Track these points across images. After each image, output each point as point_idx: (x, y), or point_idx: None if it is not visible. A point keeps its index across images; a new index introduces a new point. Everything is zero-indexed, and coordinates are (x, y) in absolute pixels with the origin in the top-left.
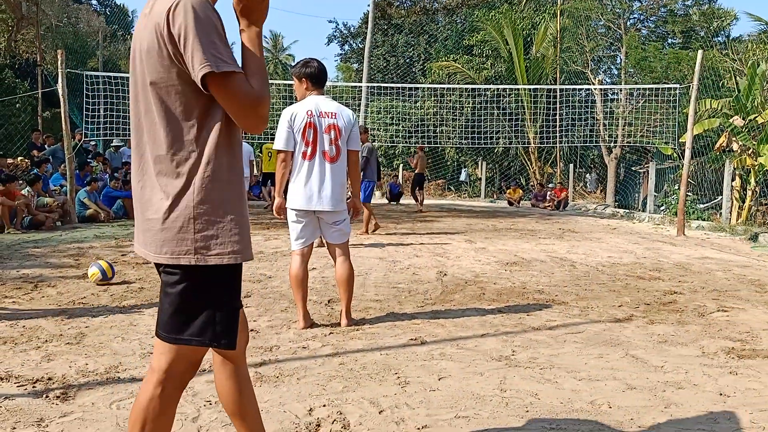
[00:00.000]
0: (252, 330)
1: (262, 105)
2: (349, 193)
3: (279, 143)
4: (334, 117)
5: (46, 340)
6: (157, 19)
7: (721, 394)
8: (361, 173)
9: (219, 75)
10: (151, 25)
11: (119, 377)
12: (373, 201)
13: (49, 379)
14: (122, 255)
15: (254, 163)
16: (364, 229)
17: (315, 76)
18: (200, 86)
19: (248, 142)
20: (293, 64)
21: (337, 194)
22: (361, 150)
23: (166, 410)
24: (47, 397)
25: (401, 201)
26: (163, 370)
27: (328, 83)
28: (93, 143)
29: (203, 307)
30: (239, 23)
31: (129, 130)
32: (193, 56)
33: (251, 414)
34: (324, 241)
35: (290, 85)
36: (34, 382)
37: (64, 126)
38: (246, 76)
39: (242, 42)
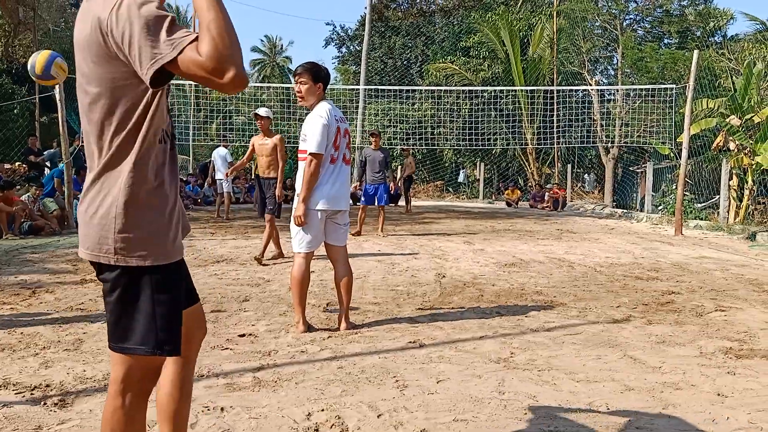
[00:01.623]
0: (250, 334)
1: (221, 65)
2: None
3: (317, 147)
4: (345, 122)
5: (44, 347)
6: (99, 14)
7: (719, 395)
8: (377, 174)
9: (167, 65)
10: (89, 18)
11: None
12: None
13: (47, 386)
14: None
15: (232, 164)
16: (357, 230)
17: (328, 81)
18: (149, 82)
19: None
20: (291, 68)
21: (349, 195)
22: (363, 153)
23: (133, 421)
24: (45, 404)
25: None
26: (119, 381)
27: None
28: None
29: (141, 314)
30: None
31: None
32: (141, 55)
33: (182, 417)
34: (325, 245)
35: (288, 88)
36: (32, 389)
37: (61, 131)
38: (197, 41)
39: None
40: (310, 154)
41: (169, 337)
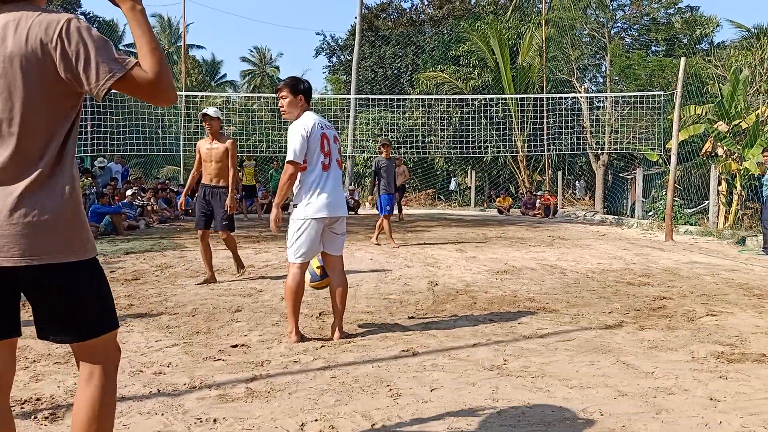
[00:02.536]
0: (243, 345)
1: (161, 83)
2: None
3: (293, 155)
4: (333, 129)
5: (35, 360)
6: (40, 35)
7: (711, 399)
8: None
9: (117, 81)
10: (25, 36)
11: None
12: (362, 211)
13: (38, 399)
14: (111, 272)
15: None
16: (392, 241)
17: (309, 93)
18: (99, 95)
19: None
20: (280, 78)
21: (345, 201)
22: (376, 163)
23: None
24: (35, 418)
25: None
26: (117, 361)
27: (316, 95)
28: (79, 160)
29: (106, 296)
30: (122, 8)
31: (116, 146)
32: (98, 69)
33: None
34: (322, 254)
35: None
36: (23, 403)
37: None
38: (139, 62)
39: (131, 26)
40: (287, 162)
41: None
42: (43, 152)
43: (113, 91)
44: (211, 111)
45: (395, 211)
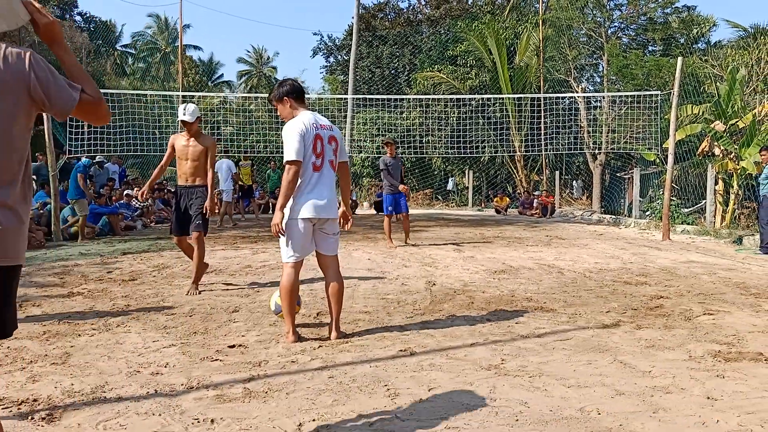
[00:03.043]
0: (240, 345)
1: (102, 103)
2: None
3: (294, 154)
4: (331, 129)
5: (31, 361)
6: (16, 63)
7: (708, 398)
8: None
9: (78, 103)
10: (1, 64)
11: (105, 397)
12: (360, 211)
13: (35, 400)
14: (108, 272)
15: (238, 175)
16: (405, 240)
17: (295, 92)
18: (61, 115)
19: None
20: (277, 78)
21: (336, 203)
22: (383, 161)
23: None
24: (33, 418)
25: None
26: None
27: (314, 95)
28: (76, 160)
29: (12, 302)
30: (54, 49)
31: (113, 146)
32: (60, 94)
33: None
34: (316, 253)
35: None
36: (20, 404)
37: (47, 143)
38: (83, 89)
39: (65, 63)
40: (286, 162)
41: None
42: (17, 167)
43: (109, 90)
44: (188, 116)
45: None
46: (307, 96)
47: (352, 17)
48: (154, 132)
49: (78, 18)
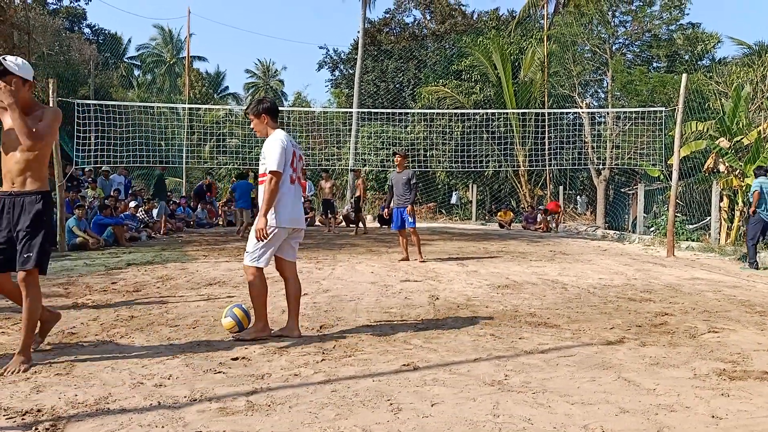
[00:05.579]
0: (243, 357)
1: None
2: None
3: (277, 166)
4: (299, 148)
5: (36, 371)
6: None
7: (713, 417)
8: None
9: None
10: None
11: (109, 408)
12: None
13: (39, 411)
14: (113, 283)
15: (254, 200)
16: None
17: (272, 110)
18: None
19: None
20: (284, 91)
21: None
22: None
23: None
24: (36, 429)
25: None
26: None
27: (319, 108)
28: (88, 170)
29: None
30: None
31: (120, 157)
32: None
33: None
34: (276, 260)
35: (282, 111)
36: (23, 414)
37: (54, 154)
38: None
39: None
40: (270, 171)
41: None
42: None
43: (116, 102)
44: (9, 64)
45: (360, 225)
46: (312, 109)
47: (358, 31)
48: (160, 144)
49: (87, 30)
